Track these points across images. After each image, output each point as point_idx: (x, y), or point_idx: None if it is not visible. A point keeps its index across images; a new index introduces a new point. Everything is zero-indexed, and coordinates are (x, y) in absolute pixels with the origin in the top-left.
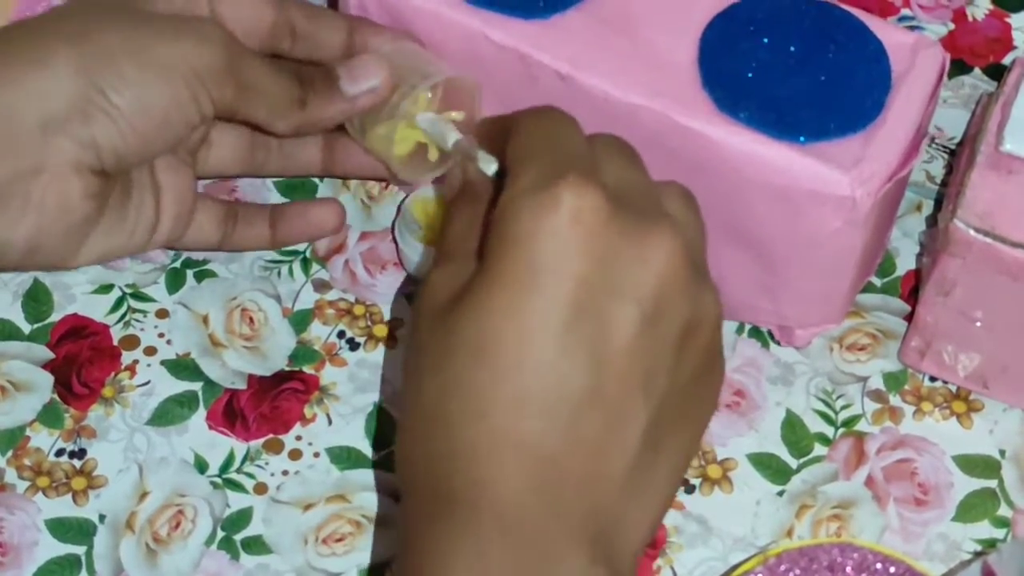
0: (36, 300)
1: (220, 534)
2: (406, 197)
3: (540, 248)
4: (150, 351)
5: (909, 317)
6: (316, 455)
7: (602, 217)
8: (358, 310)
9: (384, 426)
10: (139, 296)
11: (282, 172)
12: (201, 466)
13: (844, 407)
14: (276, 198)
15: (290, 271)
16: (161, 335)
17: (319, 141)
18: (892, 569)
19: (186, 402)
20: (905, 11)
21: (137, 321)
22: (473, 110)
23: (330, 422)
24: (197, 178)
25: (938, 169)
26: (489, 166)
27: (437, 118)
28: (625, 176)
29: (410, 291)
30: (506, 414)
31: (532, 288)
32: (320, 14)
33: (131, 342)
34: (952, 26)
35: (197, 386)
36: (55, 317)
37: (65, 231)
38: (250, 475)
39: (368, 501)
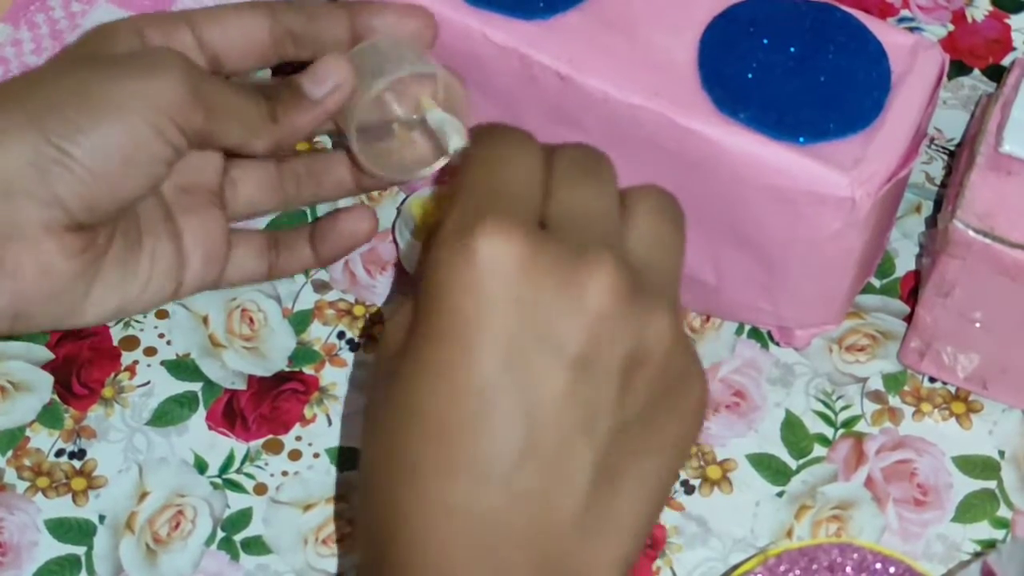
0: None
1: (220, 534)
2: (407, 197)
3: (461, 303)
4: (150, 351)
5: (908, 318)
6: (316, 456)
7: (522, 262)
8: (358, 311)
9: None
10: None
11: (316, 199)
12: (201, 466)
13: (844, 408)
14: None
15: None
16: (161, 335)
17: (344, 159)
18: (892, 569)
19: (186, 402)
20: (904, 12)
21: (137, 322)
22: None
23: (330, 423)
24: (232, 219)
25: (937, 170)
26: None
27: (449, 118)
28: (575, 198)
29: (409, 291)
30: (436, 477)
31: (456, 345)
32: (316, 10)
33: (131, 343)
34: (951, 27)
35: (197, 386)
36: None
37: (51, 293)
38: (250, 475)
39: None
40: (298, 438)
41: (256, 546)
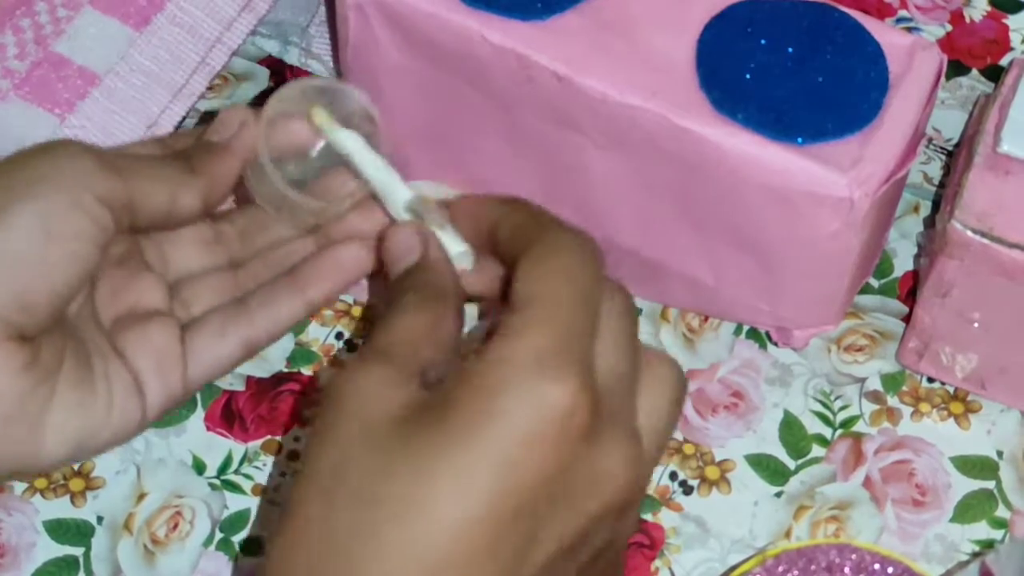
0: None
1: (218, 535)
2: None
3: (511, 437)
4: None
5: (907, 318)
6: None
7: (581, 431)
8: (356, 311)
9: None
10: None
11: (272, 270)
12: (199, 467)
13: (842, 408)
14: None
15: None
16: None
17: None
18: (890, 570)
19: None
20: (902, 12)
21: None
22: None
23: None
24: (193, 332)
25: (936, 170)
26: (465, 258)
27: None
28: (618, 363)
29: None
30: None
31: (484, 474)
32: (196, 130)
33: None
34: (950, 27)
35: None
36: None
37: (3, 420)
38: (248, 476)
39: None
40: (296, 439)
41: (254, 547)
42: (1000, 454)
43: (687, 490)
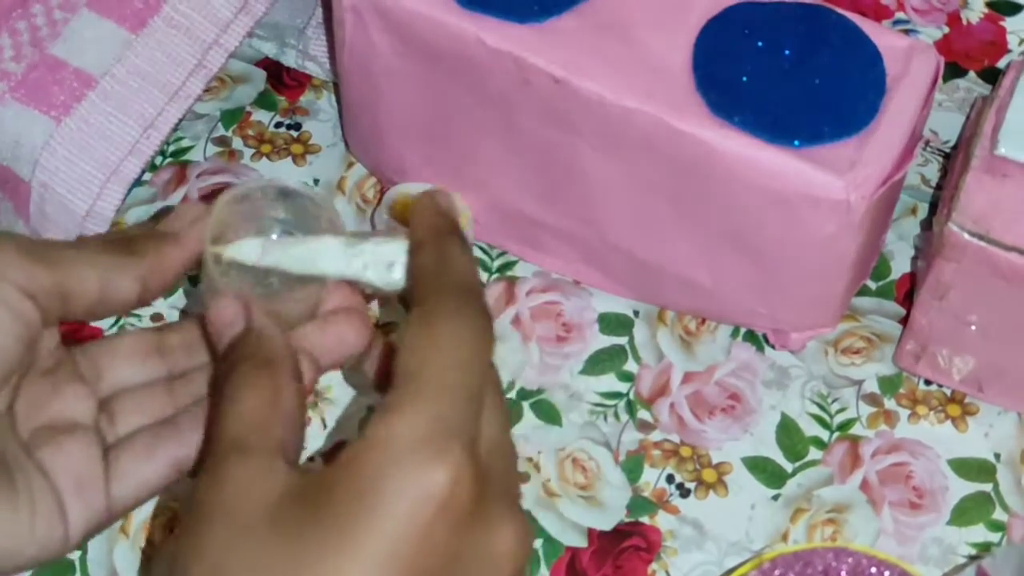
0: None
1: None
2: (385, 189)
3: (392, 528)
4: None
5: (904, 320)
6: (311, 459)
7: (465, 513)
8: None
9: None
10: None
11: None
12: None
13: (839, 411)
14: None
15: None
16: None
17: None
18: (887, 573)
19: None
20: (899, 14)
21: (131, 325)
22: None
23: (325, 426)
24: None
25: (933, 173)
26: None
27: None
28: (498, 436)
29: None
30: None
31: (368, 567)
32: (131, 229)
33: None
34: (947, 29)
35: None
36: None
37: None
38: None
39: None
40: None
41: None
42: (997, 457)
43: (684, 493)
